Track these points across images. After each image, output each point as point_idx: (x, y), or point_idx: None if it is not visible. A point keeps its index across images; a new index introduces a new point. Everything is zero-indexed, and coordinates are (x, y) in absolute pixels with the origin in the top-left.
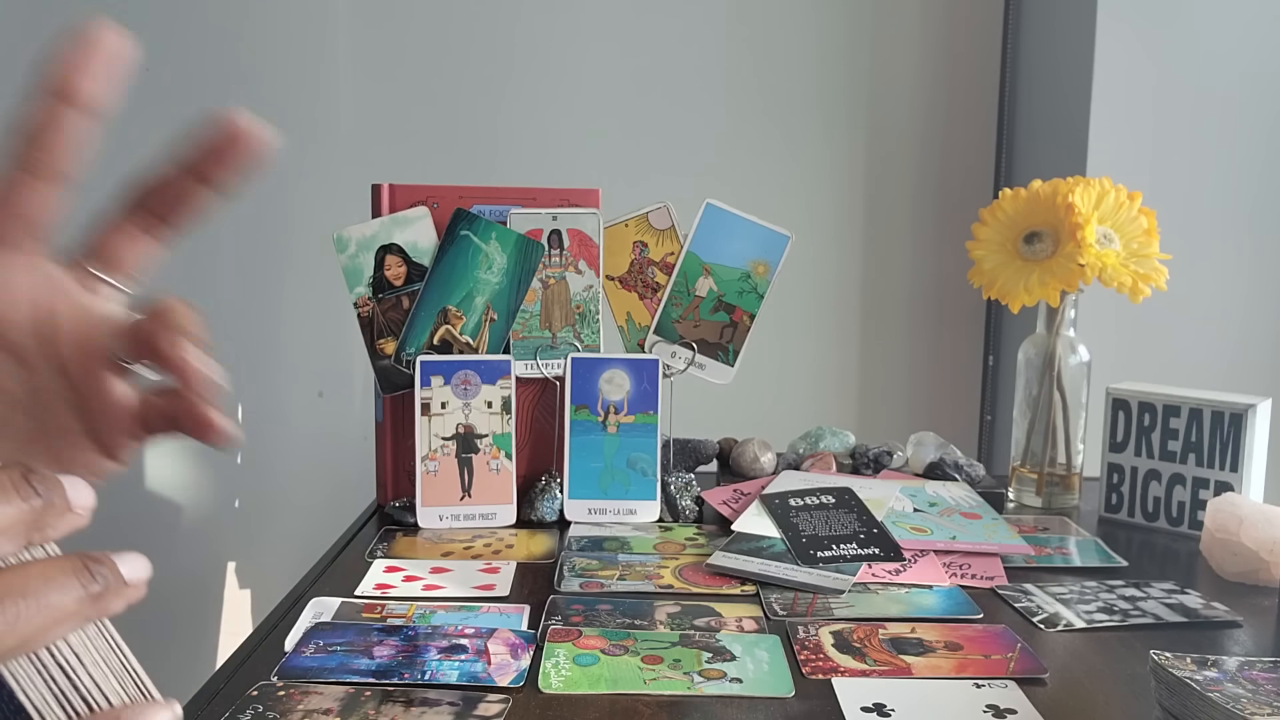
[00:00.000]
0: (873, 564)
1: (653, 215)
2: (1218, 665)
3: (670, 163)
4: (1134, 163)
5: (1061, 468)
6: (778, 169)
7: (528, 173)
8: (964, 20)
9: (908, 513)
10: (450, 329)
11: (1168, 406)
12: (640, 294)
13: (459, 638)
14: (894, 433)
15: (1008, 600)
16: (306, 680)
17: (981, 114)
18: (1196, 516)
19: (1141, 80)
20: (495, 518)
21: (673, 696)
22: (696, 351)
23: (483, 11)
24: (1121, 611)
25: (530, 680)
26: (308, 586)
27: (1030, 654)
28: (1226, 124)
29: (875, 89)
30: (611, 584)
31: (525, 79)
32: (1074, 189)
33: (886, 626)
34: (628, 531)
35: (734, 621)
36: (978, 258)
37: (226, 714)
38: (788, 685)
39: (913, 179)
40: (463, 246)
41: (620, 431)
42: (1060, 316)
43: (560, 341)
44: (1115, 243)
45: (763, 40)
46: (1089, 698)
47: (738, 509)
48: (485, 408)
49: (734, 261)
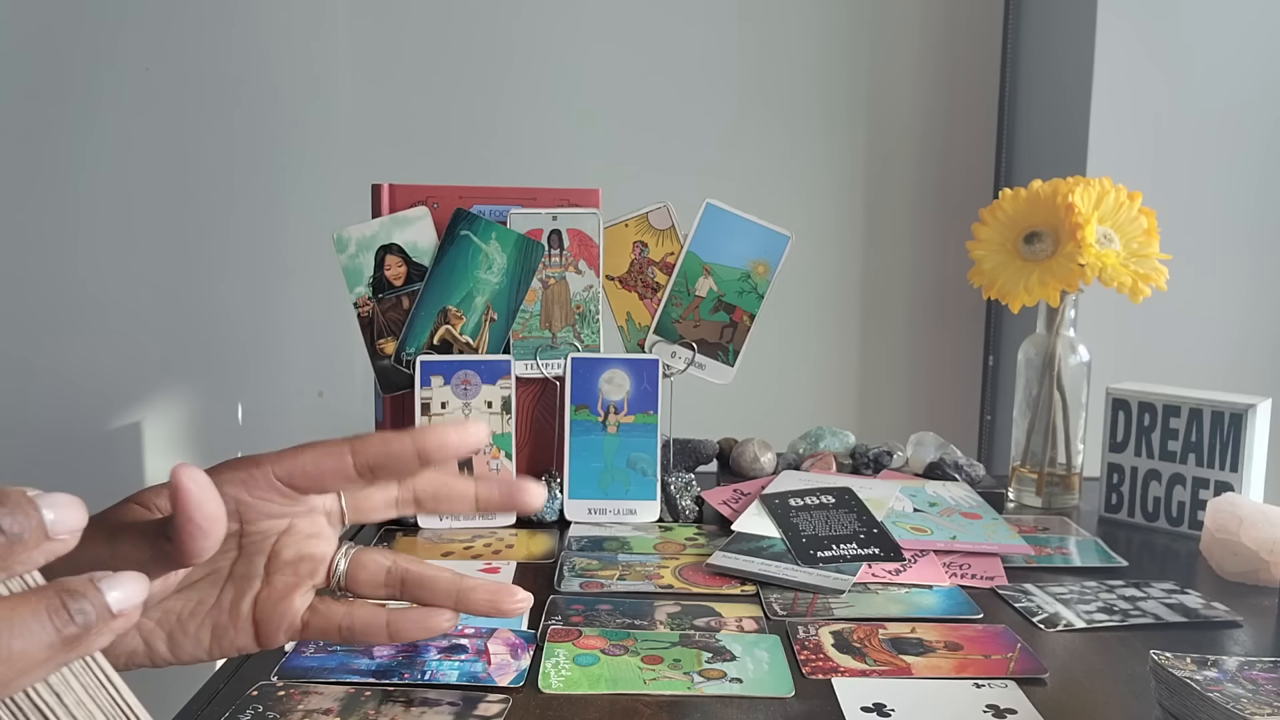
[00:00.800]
0: (873, 564)
1: (653, 215)
2: (1218, 665)
3: (670, 163)
4: (1134, 163)
5: (1061, 468)
6: (778, 169)
7: (527, 173)
8: (964, 20)
9: (908, 513)
10: (450, 329)
11: (1168, 406)
12: (640, 294)
13: (459, 638)
14: (894, 433)
15: (1008, 600)
16: (306, 680)
17: (981, 114)
18: (1196, 516)
19: (1141, 80)
20: (495, 517)
21: (673, 696)
22: (696, 351)
23: (482, 11)
24: (1121, 611)
25: (530, 680)
26: None
27: (1030, 654)
28: (1227, 124)
29: (875, 89)
30: (611, 584)
31: (525, 79)
32: (1074, 189)
33: (886, 626)
34: (628, 531)
35: (734, 621)
36: (978, 258)
37: (226, 714)
38: (788, 685)
39: (913, 179)
40: (463, 246)
41: (620, 431)
42: (1060, 316)
43: (560, 341)
44: (1115, 243)
45: (763, 40)
46: (1089, 698)
47: (738, 509)
48: (485, 408)
49: (734, 261)
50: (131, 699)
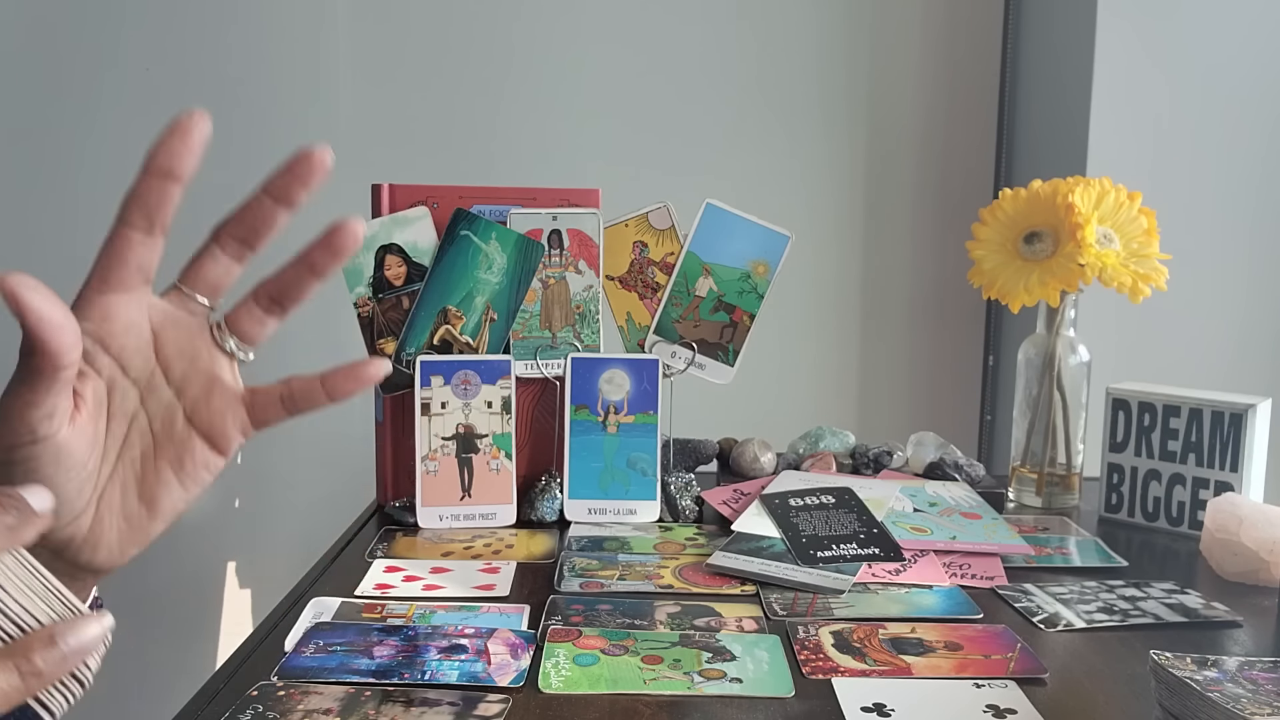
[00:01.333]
0: (873, 564)
1: (653, 215)
2: (1218, 665)
3: (670, 163)
4: (1134, 163)
5: (1061, 468)
6: (778, 169)
7: (527, 172)
8: (964, 20)
9: (908, 513)
10: (450, 329)
11: (1168, 406)
12: (640, 294)
13: (459, 638)
14: (894, 433)
15: (1008, 600)
16: (306, 680)
17: (981, 114)
18: (1196, 516)
19: (1141, 80)
20: (495, 518)
21: (673, 696)
22: (696, 351)
23: (482, 11)
24: (1121, 611)
25: (530, 680)
26: (308, 586)
27: (1030, 654)
28: (1227, 123)
29: (875, 89)
30: (611, 584)
31: (525, 79)
32: (1074, 189)
33: (886, 626)
34: (628, 531)
35: (734, 621)
36: (978, 258)
37: (226, 714)
38: (788, 685)
39: (913, 179)
40: (463, 246)
41: (620, 431)
42: (1060, 316)
43: (560, 341)
44: (1115, 243)
45: (763, 40)
46: (1089, 698)
47: (738, 509)
48: (485, 408)
49: (734, 261)
50: (61, 585)
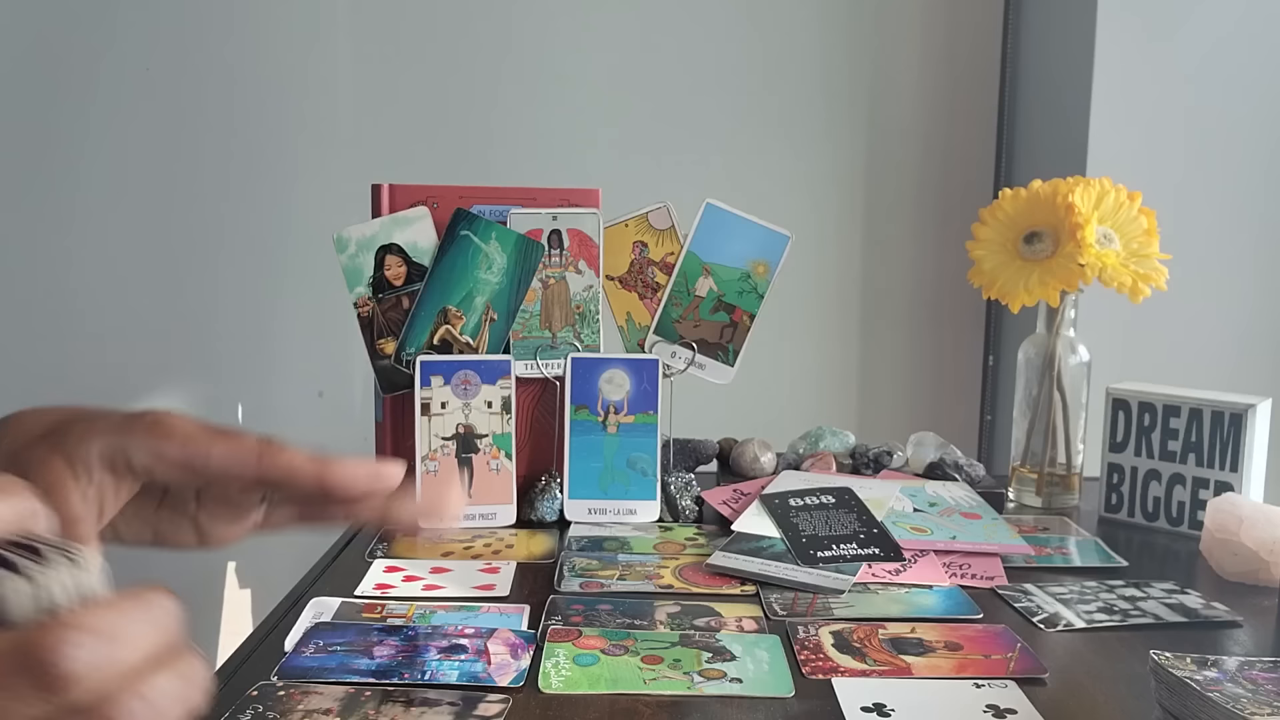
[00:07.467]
0: (873, 564)
1: (653, 215)
2: (1218, 665)
3: (670, 162)
4: (1134, 163)
5: (1061, 468)
6: (778, 169)
7: (528, 172)
8: (964, 20)
9: (908, 513)
10: (450, 329)
11: (1168, 406)
12: (640, 294)
13: (459, 638)
14: (894, 433)
15: (1008, 600)
16: (306, 680)
17: (981, 114)
18: (1196, 516)
19: (1141, 80)
20: (495, 518)
21: (673, 696)
22: (696, 351)
23: (482, 11)
24: (1121, 611)
25: (530, 680)
26: (308, 586)
27: (1030, 654)
28: (1226, 124)
29: (876, 89)
30: (611, 584)
31: (525, 79)
32: (1074, 189)
33: (886, 626)
34: (628, 531)
35: (734, 621)
36: (978, 258)
37: (226, 714)
38: (788, 685)
39: (913, 179)
40: (463, 246)
41: (620, 431)
42: (1060, 316)
43: (560, 341)
44: (1115, 243)
45: (763, 40)
46: (1089, 698)
47: (738, 509)
48: (485, 408)
49: (734, 261)
50: None
